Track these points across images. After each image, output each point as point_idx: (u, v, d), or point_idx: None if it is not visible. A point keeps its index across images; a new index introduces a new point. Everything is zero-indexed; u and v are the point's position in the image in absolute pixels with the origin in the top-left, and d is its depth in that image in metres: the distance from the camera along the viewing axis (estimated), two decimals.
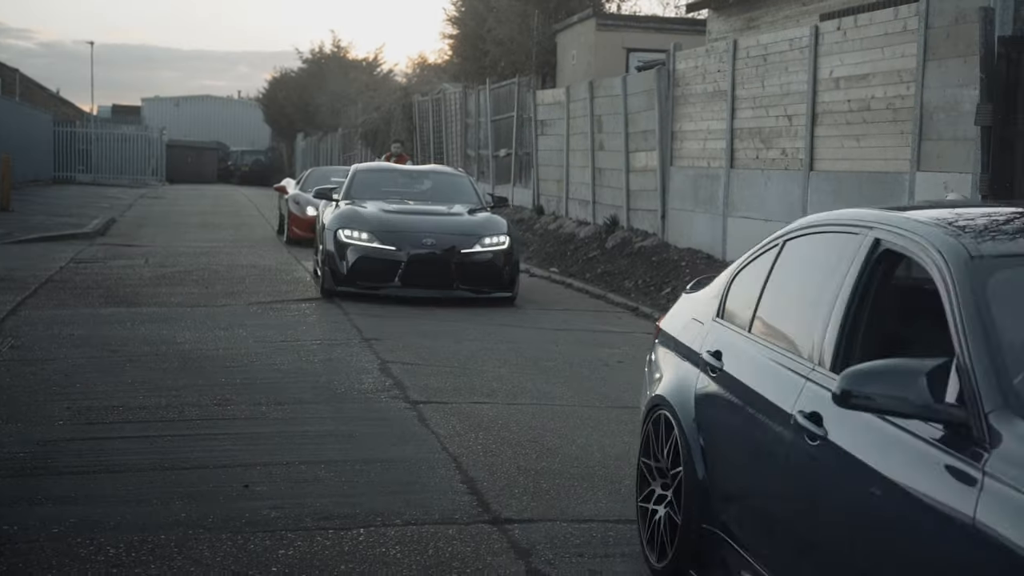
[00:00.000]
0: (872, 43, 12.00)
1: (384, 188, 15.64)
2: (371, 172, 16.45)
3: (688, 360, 5.30)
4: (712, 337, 5.13)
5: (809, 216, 4.81)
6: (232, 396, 8.59)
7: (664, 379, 5.53)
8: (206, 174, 64.99)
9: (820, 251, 4.50)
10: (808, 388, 4.02)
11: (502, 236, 14.01)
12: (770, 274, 4.82)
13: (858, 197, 12.24)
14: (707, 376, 4.99)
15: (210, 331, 11.41)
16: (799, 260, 4.70)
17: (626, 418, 8.42)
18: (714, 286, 5.51)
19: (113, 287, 14.50)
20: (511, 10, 29.40)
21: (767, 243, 5.00)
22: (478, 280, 13.80)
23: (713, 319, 5.26)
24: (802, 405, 3.99)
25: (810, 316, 4.27)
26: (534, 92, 24.50)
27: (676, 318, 5.85)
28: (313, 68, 61.68)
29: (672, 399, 5.25)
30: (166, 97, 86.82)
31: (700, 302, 5.60)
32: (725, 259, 15.21)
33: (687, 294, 6.00)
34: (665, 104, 17.18)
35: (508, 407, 8.62)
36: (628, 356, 11.17)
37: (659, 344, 5.90)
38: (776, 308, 4.75)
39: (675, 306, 6.10)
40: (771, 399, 4.26)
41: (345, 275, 13.68)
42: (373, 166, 17.48)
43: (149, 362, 9.77)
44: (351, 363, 10.09)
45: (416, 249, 13.62)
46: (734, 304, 5.15)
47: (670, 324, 5.86)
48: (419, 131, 35.65)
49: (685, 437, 5.02)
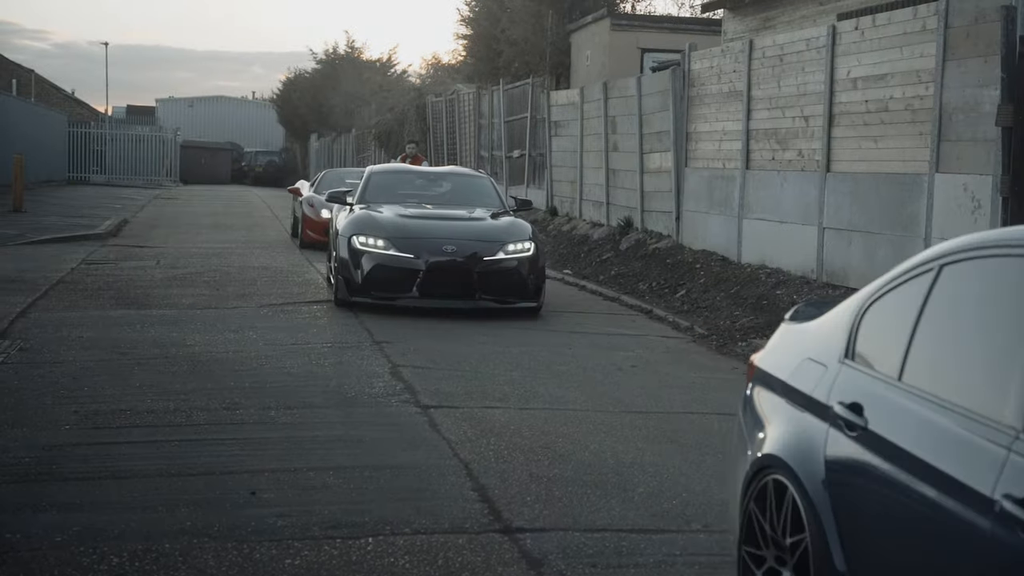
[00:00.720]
0: (890, 43, 11.84)
1: (401, 191, 14.87)
2: (387, 174, 15.72)
3: (809, 411, 4.29)
4: (844, 385, 4.16)
5: (970, 236, 3.93)
6: (241, 400, 8.49)
7: (775, 435, 4.46)
8: (220, 175, 65.01)
9: (1002, 281, 3.60)
10: (1014, 463, 3.12)
11: (527, 242, 13.25)
12: (924, 307, 3.90)
13: (876, 198, 12.10)
14: (843, 435, 3.99)
15: (220, 333, 11.31)
16: (968, 291, 3.79)
17: (639, 423, 8.31)
18: (833, 318, 4.54)
19: (124, 289, 14.43)
20: (525, 10, 29.24)
21: (913, 268, 4.08)
22: (502, 290, 13.06)
23: (841, 360, 4.29)
24: (1009, 487, 3.08)
25: (1001, 366, 3.39)
26: (548, 93, 24.38)
27: (781, 355, 4.78)
28: (327, 69, 61.57)
29: (793, 462, 4.21)
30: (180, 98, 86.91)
31: (815, 337, 4.59)
32: (740, 261, 15.08)
33: (791, 324, 4.94)
34: (680, 105, 17.04)
35: (520, 412, 8.51)
36: (642, 360, 11.05)
37: (758, 387, 4.84)
38: (941, 352, 3.81)
39: (775, 339, 4.98)
40: (956, 476, 3.32)
41: (360, 284, 12.92)
42: (389, 168, 16.82)
43: (158, 365, 9.68)
44: (362, 367, 9.98)
45: (435, 257, 12.85)
46: (871, 343, 4.20)
47: (773, 363, 4.80)
48: (432, 132, 35.56)
49: (816, 516, 4.00)
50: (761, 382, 4.81)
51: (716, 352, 11.86)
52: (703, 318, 13.47)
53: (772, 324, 12.42)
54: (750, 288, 13.85)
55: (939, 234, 10.98)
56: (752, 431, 4.71)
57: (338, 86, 55.78)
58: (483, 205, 14.55)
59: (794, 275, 13.65)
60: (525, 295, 13.15)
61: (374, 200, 14.33)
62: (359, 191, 14.72)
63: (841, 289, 12.64)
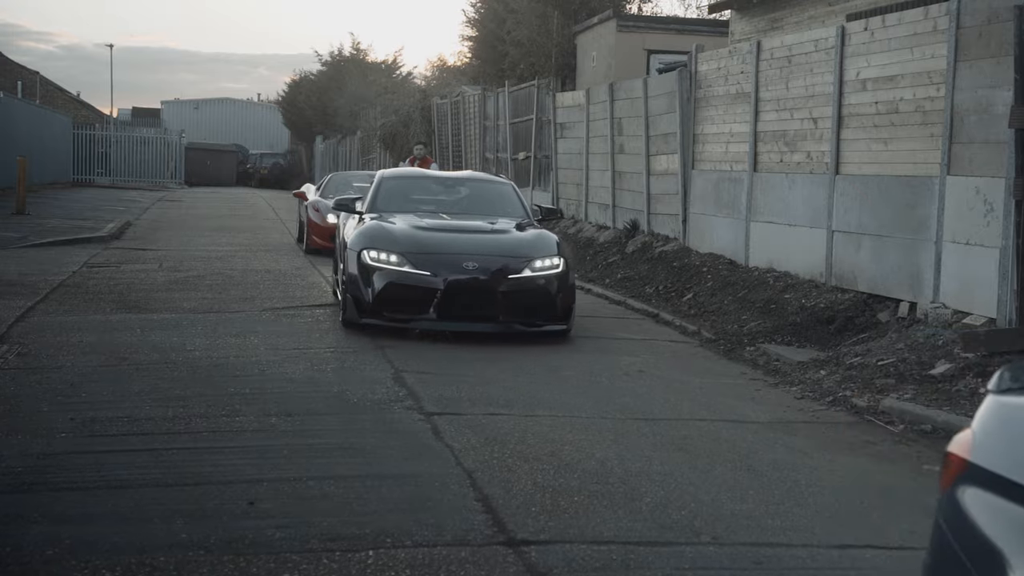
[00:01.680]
0: (901, 43, 11.68)
1: (415, 198, 13.71)
2: (400, 179, 14.46)
3: None
4: None
5: None
6: (241, 407, 8.34)
7: None
8: (225, 177, 64.88)
9: None
10: None
11: (555, 258, 12.02)
12: None
13: (886, 201, 11.93)
14: None
15: (221, 338, 11.17)
16: None
17: (646, 430, 8.16)
18: None
19: (125, 292, 14.28)
20: (530, 11, 29.10)
21: None
22: (528, 311, 11.80)
23: None
24: None
25: None
26: (553, 95, 24.22)
27: (1006, 446, 3.28)
28: (332, 71, 61.49)
29: None
30: (186, 100, 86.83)
31: None
32: (748, 264, 14.92)
33: (1006, 397, 3.43)
34: (687, 106, 16.89)
35: (525, 419, 8.35)
36: (649, 365, 10.91)
37: (978, 491, 3.31)
38: None
39: (988, 419, 3.42)
40: None
41: (370, 304, 11.68)
42: (401, 172, 15.50)
43: (158, 371, 9.53)
44: (364, 372, 9.83)
45: (455, 275, 11.63)
46: None
47: (1003, 459, 3.25)
48: (438, 134, 35.43)
49: None
50: (982, 484, 3.29)
51: (724, 357, 11.71)
52: (710, 322, 13.31)
53: (780, 328, 12.32)
54: (758, 292, 13.69)
55: (951, 237, 10.82)
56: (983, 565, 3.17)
57: (343, 88, 55.68)
58: (505, 215, 13.38)
59: (802, 278, 13.49)
60: (554, 317, 11.92)
61: (386, 208, 13.21)
62: (369, 198, 13.58)
63: (851, 293, 12.48)
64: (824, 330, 11.96)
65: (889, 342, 10.75)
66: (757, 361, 11.35)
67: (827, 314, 12.22)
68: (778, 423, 8.76)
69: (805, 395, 9.81)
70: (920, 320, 11.11)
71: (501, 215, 13.34)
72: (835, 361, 10.69)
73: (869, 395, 9.49)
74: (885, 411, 9.10)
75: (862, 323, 11.84)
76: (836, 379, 10.11)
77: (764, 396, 9.79)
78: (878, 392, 9.53)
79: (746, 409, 9.20)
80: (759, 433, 8.35)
